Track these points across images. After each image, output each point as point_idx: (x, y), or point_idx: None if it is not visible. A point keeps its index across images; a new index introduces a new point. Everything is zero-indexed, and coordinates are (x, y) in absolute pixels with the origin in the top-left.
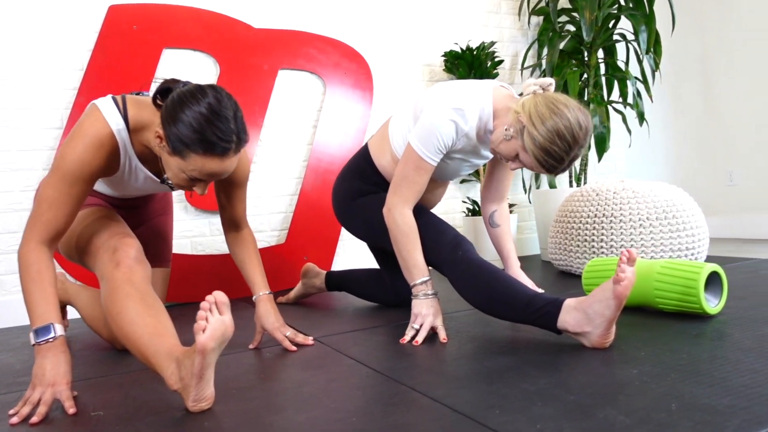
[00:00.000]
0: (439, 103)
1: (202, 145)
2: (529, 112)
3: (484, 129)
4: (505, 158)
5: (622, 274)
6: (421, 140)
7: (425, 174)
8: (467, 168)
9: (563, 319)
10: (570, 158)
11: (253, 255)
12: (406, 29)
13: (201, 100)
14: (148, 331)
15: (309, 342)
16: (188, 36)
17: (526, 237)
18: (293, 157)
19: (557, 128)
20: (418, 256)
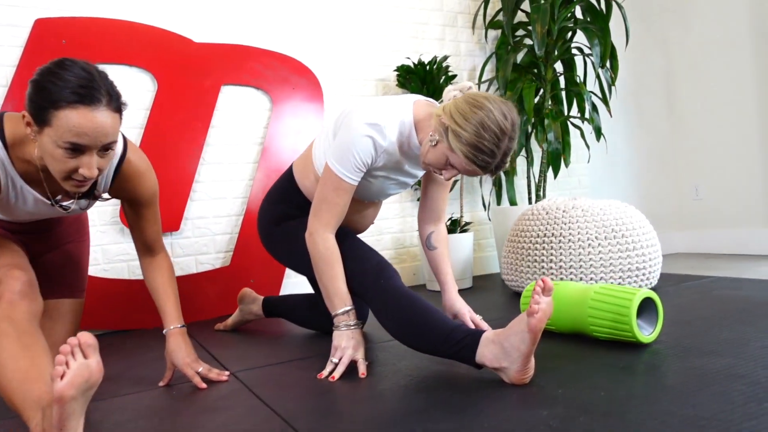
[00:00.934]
0: (355, 120)
1: (66, 97)
2: (450, 112)
3: (407, 144)
4: (436, 168)
5: (536, 306)
6: (338, 159)
7: (345, 194)
8: (394, 187)
9: (481, 353)
10: (501, 151)
11: (168, 284)
12: (358, 43)
13: (62, 64)
14: (18, 375)
15: (223, 378)
16: (122, 51)
17: (486, 255)
18: (238, 176)
19: (481, 121)
20: (340, 284)
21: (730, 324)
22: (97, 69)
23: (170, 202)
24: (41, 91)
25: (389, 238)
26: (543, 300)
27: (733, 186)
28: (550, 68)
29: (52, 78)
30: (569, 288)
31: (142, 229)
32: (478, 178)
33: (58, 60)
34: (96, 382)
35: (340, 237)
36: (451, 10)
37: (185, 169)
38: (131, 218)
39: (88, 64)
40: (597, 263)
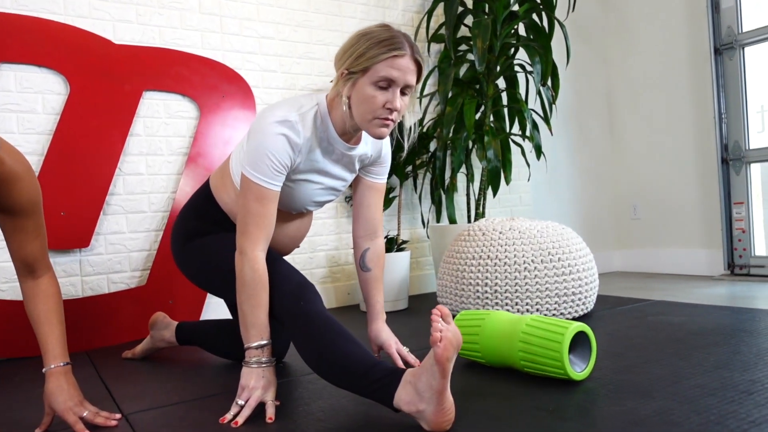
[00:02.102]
0: (264, 120)
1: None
2: (337, 63)
3: (326, 138)
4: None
5: (437, 334)
6: (253, 165)
7: (270, 203)
8: (321, 192)
9: (399, 395)
10: (397, 32)
11: (52, 312)
12: (294, 52)
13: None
14: None
15: (111, 423)
16: (30, 50)
17: (424, 274)
18: (159, 189)
19: (359, 33)
20: (261, 315)
21: (663, 357)
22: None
23: (80, 216)
24: None
25: (323, 255)
26: (446, 327)
27: (670, 206)
28: (491, 84)
29: None
30: (501, 318)
31: (19, 244)
32: (418, 195)
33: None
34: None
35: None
36: (394, 22)
37: (98, 180)
38: (7, 230)
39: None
40: (533, 287)
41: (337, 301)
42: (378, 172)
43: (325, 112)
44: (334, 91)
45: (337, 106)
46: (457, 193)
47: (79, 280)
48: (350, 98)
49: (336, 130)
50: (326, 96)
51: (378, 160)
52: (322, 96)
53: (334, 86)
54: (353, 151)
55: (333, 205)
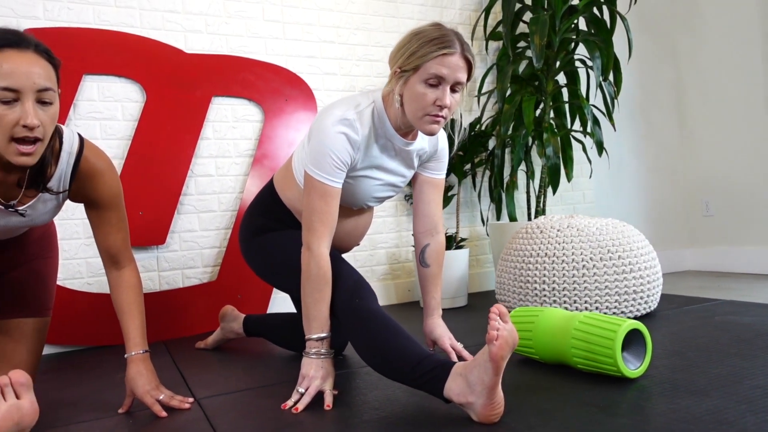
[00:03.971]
0: (324, 120)
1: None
2: (390, 61)
3: (384, 135)
4: (430, 106)
5: (494, 332)
6: (315, 163)
7: (332, 200)
8: (381, 188)
9: (449, 386)
10: (450, 31)
11: (133, 303)
12: (354, 55)
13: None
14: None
15: (185, 406)
16: (112, 61)
17: (484, 272)
18: (228, 189)
19: (412, 32)
20: (323, 309)
21: (726, 357)
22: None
23: (156, 215)
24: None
25: (383, 252)
26: (503, 326)
27: (745, 202)
28: (550, 81)
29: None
30: (555, 315)
31: (104, 236)
32: (477, 193)
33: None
34: (29, 424)
35: None
36: (451, 21)
37: (173, 182)
38: (94, 223)
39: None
40: (591, 285)
41: (398, 297)
42: (436, 168)
43: (381, 109)
44: (388, 88)
45: (392, 104)
46: (517, 190)
47: (156, 275)
48: (402, 96)
49: (392, 126)
50: (382, 93)
51: (435, 155)
52: (378, 93)
53: (388, 84)
54: (410, 146)
55: (393, 204)
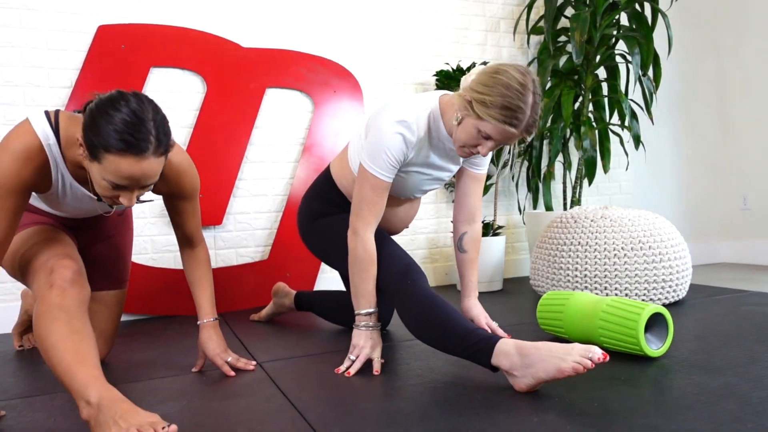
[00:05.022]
0: (383, 119)
1: (115, 144)
2: (471, 86)
3: (437, 137)
4: (470, 146)
5: (580, 367)
6: (371, 158)
7: (382, 192)
8: (429, 182)
9: (500, 360)
10: (529, 106)
11: (204, 277)
12: (399, 48)
13: (118, 102)
14: (67, 357)
15: (249, 367)
16: (176, 55)
17: (519, 258)
18: (279, 175)
19: (500, 81)
20: (370, 286)
21: (744, 342)
22: (148, 108)
23: (214, 198)
24: (94, 126)
25: (423, 238)
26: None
27: None
28: (590, 75)
29: (105, 116)
30: (583, 299)
31: (182, 222)
32: (515, 183)
33: (115, 95)
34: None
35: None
36: (494, 15)
37: (229, 167)
38: (172, 212)
39: (140, 103)
40: (622, 274)
41: (436, 280)
42: (479, 164)
43: (438, 114)
44: (453, 100)
45: (451, 115)
46: (554, 181)
47: (213, 253)
48: (460, 121)
49: (446, 130)
50: (442, 97)
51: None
52: (436, 98)
53: (456, 97)
54: None
55: (433, 192)
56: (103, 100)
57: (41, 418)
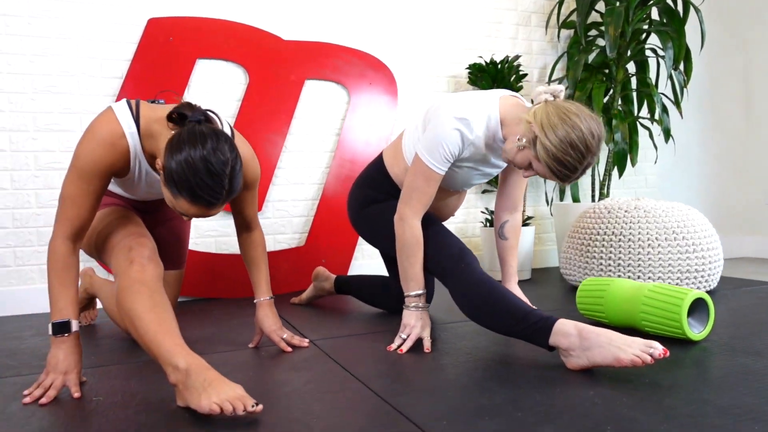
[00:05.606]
0: (444, 114)
1: (189, 194)
2: (541, 123)
3: (492, 138)
4: (518, 167)
5: (639, 360)
6: (428, 150)
7: (434, 183)
8: (478, 177)
9: (558, 340)
10: (583, 167)
11: (261, 259)
12: (433, 41)
13: (200, 149)
14: (153, 327)
15: (304, 344)
16: (221, 47)
17: (546, 249)
18: (316, 164)
19: (570, 138)
20: (418, 269)
21: None
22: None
23: None
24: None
25: (452, 228)
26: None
27: None
28: (621, 69)
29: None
30: (624, 285)
31: (241, 209)
32: None
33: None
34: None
35: (425, 222)
36: (526, 9)
37: (269, 156)
38: (233, 200)
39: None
40: (656, 263)
41: None
42: None
43: (498, 119)
44: (517, 113)
45: (512, 129)
46: None
47: None
48: (521, 146)
49: (502, 136)
50: (503, 101)
51: None
52: (497, 105)
53: (524, 123)
54: None
55: None
56: (189, 137)
57: (118, 384)
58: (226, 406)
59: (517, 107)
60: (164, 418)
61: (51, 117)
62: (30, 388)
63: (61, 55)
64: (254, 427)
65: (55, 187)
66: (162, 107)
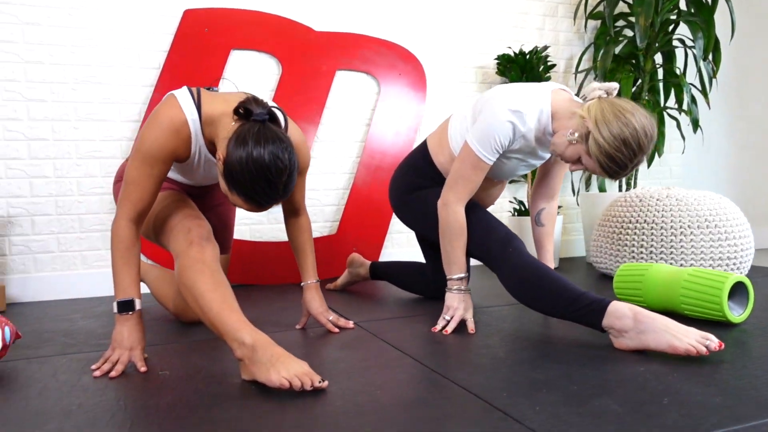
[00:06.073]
0: (498, 105)
1: (244, 195)
2: (596, 118)
3: (542, 131)
4: (566, 160)
5: (694, 350)
6: (479, 140)
7: (481, 173)
8: (524, 168)
9: (612, 322)
10: (633, 165)
11: (307, 243)
12: (461, 32)
13: (260, 154)
14: (217, 305)
15: (350, 326)
16: (254, 38)
17: (572, 239)
18: (346, 154)
19: (623, 136)
20: (461, 254)
21: None
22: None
23: None
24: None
25: None
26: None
27: None
28: (649, 59)
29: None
30: (662, 269)
31: (292, 195)
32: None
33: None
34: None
35: (470, 208)
36: (552, 0)
37: None
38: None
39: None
40: (688, 251)
41: None
42: None
43: (549, 114)
44: (571, 108)
45: (563, 123)
46: None
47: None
48: (574, 139)
49: (552, 131)
50: (555, 95)
51: None
52: (549, 93)
53: (577, 118)
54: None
55: None
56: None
57: (178, 360)
58: (294, 381)
59: (569, 102)
60: (233, 389)
61: (91, 107)
62: (97, 363)
63: (100, 46)
64: (322, 398)
65: (95, 176)
66: (220, 94)
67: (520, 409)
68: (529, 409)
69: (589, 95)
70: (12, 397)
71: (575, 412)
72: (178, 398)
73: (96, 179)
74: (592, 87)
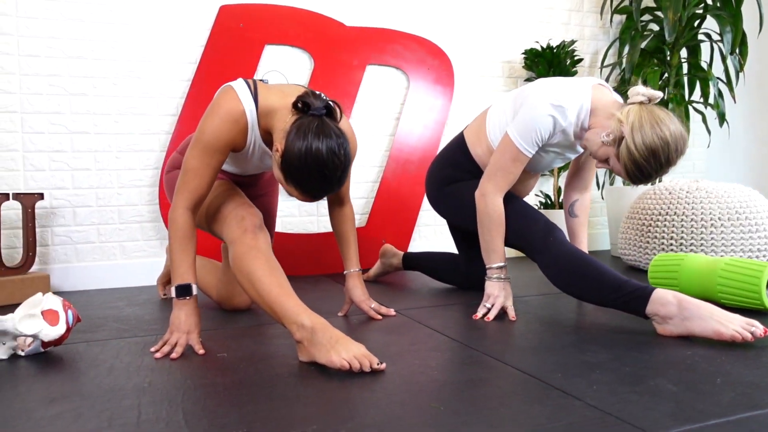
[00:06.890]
0: (540, 98)
1: (299, 187)
2: (632, 125)
3: (580, 126)
4: (595, 157)
5: (739, 337)
6: (520, 132)
7: (520, 165)
8: (560, 161)
9: (656, 309)
10: (657, 175)
11: (350, 233)
12: (488, 27)
13: (318, 149)
14: (274, 290)
15: (391, 313)
16: (287, 33)
17: (597, 232)
18: (376, 147)
19: (654, 147)
20: (499, 243)
21: None
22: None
23: None
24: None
25: None
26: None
27: None
28: (676, 54)
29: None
30: (698, 259)
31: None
32: None
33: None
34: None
35: (508, 199)
36: None
37: None
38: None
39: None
40: (718, 242)
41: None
42: None
43: (588, 111)
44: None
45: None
46: None
47: (316, 220)
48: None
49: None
50: (595, 91)
51: None
52: (590, 90)
53: (615, 120)
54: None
55: None
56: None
57: (233, 343)
58: (354, 363)
59: (609, 101)
60: (293, 369)
61: (131, 101)
62: (156, 345)
63: (139, 42)
64: (381, 377)
65: (134, 168)
66: (276, 86)
67: (578, 388)
68: (588, 388)
69: (631, 97)
70: (83, 376)
71: (632, 391)
72: (242, 377)
73: (135, 172)
74: (636, 91)
